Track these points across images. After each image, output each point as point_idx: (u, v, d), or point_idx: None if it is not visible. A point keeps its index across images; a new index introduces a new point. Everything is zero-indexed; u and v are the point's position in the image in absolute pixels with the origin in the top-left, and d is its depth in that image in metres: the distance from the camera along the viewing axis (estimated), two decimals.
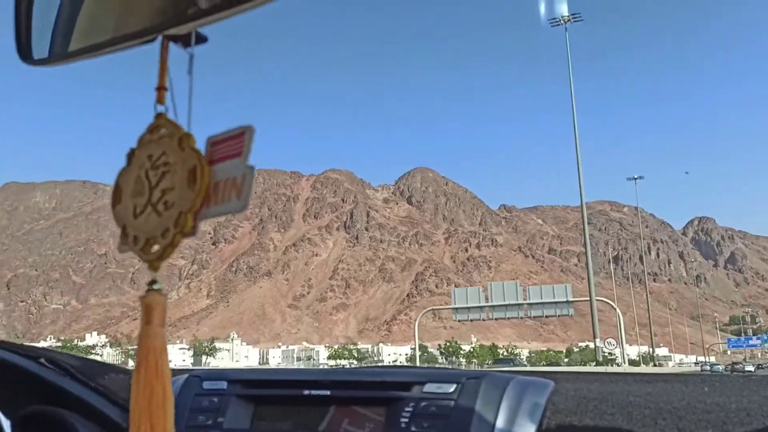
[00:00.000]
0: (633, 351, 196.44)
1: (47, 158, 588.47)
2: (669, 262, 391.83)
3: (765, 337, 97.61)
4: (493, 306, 45.14)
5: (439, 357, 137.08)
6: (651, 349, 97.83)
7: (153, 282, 0.70)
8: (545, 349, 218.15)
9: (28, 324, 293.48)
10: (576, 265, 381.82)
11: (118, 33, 0.87)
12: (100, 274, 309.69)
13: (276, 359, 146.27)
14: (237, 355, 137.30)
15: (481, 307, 45.49)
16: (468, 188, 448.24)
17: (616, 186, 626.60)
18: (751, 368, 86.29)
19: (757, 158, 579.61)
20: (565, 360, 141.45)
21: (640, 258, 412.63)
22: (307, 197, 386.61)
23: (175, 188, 0.81)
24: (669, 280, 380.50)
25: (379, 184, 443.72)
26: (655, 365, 78.23)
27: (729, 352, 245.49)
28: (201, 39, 0.77)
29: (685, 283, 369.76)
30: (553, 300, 43.11)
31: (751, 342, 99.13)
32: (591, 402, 1.28)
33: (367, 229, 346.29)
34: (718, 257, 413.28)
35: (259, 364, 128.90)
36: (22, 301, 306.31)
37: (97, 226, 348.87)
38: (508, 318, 46.02)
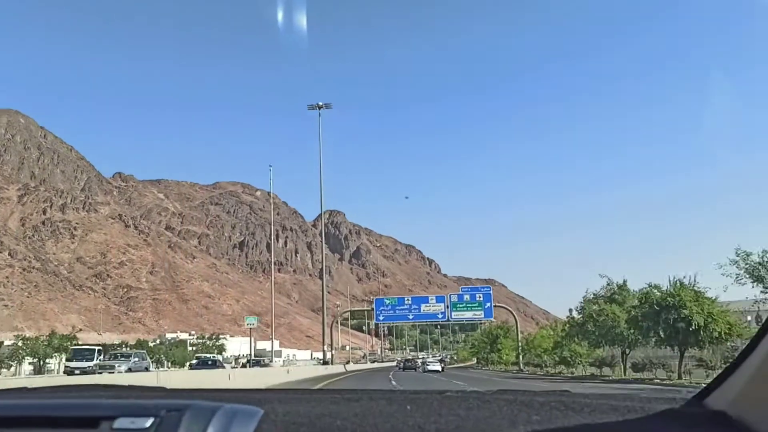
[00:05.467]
0: (234, 345, 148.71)
1: None
2: (296, 252, 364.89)
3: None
4: None
5: None
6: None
7: None
8: (120, 342, 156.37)
9: None
10: (196, 246, 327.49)
11: None
12: None
13: None
14: None
15: None
16: (74, 147, 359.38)
17: (251, 169, 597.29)
18: (437, 367, 62.46)
19: (386, 163, 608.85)
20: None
21: (267, 246, 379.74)
22: None
23: None
24: (294, 270, 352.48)
25: None
26: (247, 365, 64.83)
27: (348, 348, 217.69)
28: None
29: (310, 275, 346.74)
30: None
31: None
32: (300, 428, 1.20)
33: None
34: (345, 251, 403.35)
35: None
36: None
37: None
38: None
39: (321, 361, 67.22)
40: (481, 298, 65.94)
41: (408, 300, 70.88)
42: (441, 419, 1.25)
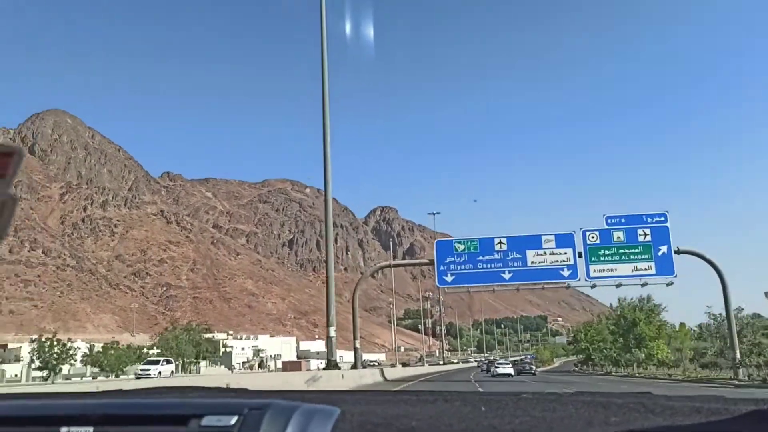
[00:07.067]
0: (274, 346, 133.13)
1: None
2: (347, 250, 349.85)
3: None
4: None
5: None
6: None
7: None
8: (151, 344, 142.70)
9: None
10: (244, 245, 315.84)
11: None
12: None
13: None
14: None
15: None
16: (123, 147, 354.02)
17: (300, 165, 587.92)
18: (509, 370, 54.73)
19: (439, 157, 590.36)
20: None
21: (317, 243, 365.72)
22: None
23: None
24: (345, 269, 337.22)
25: None
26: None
27: (402, 349, 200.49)
28: None
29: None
30: None
31: None
32: (377, 428, 1.22)
33: None
34: (398, 248, 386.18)
35: None
36: None
37: None
38: None
39: (327, 364, 31.10)
40: (648, 237, 34.14)
41: (501, 243, 36.14)
42: (515, 420, 1.24)
